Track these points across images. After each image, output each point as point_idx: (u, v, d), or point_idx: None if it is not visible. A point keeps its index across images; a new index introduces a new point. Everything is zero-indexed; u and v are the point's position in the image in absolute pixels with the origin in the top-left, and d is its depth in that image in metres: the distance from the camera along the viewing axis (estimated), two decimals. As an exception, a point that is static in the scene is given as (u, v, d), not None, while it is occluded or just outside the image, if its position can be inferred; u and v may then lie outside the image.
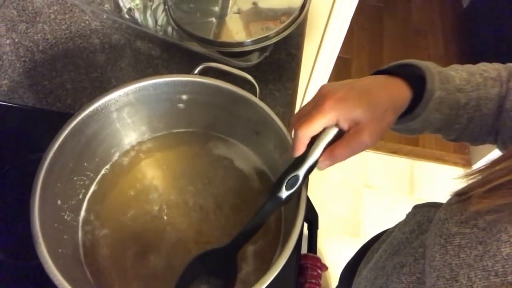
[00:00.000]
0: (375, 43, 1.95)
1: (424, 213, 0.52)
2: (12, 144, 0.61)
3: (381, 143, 1.67)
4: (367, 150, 1.66)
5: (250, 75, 0.50)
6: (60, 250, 0.40)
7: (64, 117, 0.61)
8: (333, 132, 0.38)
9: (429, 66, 0.42)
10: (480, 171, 0.35)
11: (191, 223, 0.52)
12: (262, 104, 0.45)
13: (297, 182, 0.40)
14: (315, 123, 0.37)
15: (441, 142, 1.68)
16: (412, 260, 0.44)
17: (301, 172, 0.39)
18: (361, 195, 1.56)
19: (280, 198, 0.40)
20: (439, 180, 1.60)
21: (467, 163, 1.63)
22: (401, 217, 0.60)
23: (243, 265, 0.49)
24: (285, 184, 0.40)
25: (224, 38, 0.67)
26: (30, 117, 0.64)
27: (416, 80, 0.41)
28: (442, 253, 0.37)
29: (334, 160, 0.38)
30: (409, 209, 0.58)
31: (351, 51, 1.91)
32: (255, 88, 0.48)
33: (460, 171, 1.62)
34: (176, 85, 0.48)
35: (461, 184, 0.38)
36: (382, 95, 0.39)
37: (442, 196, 0.43)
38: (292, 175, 0.39)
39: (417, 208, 0.55)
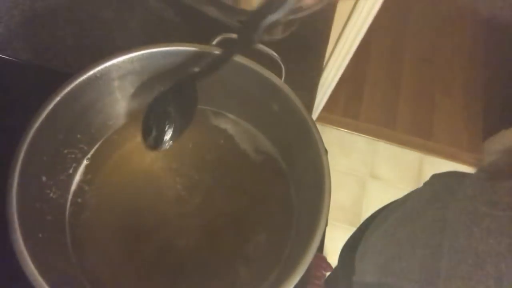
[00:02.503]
0: (398, 28, 1.85)
1: (442, 182, 0.47)
2: (4, 100, 0.55)
3: (392, 134, 1.61)
4: (377, 139, 1.60)
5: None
6: (40, 235, 0.35)
7: (62, 77, 0.56)
8: None
9: None
10: None
11: (191, 204, 0.47)
12: (287, 90, 0.39)
13: (285, 12, 0.32)
14: None
15: (456, 139, 1.62)
16: (428, 232, 0.41)
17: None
18: (366, 185, 1.51)
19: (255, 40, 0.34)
20: (448, 177, 1.55)
21: (479, 164, 1.57)
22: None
23: (241, 266, 0.44)
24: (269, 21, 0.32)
25: (246, 5, 0.60)
26: (25, 72, 0.58)
27: None
28: (467, 234, 0.33)
29: None
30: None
31: (371, 33, 1.81)
32: (281, 69, 0.41)
33: (470, 171, 1.57)
34: (189, 56, 0.41)
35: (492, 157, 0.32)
36: None
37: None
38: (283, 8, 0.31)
39: (435, 177, 0.51)
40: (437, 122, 1.65)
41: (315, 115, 1.53)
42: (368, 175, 1.52)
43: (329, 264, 0.54)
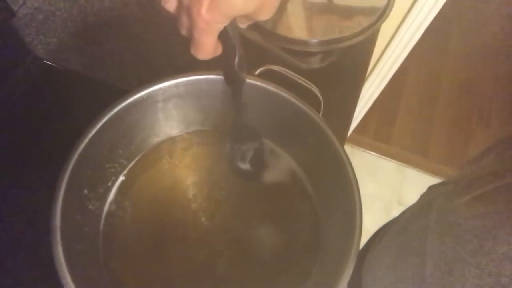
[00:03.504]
0: (437, 55, 1.81)
1: (433, 193, 0.48)
2: (53, 107, 0.58)
3: (424, 161, 1.57)
4: (407, 166, 1.57)
5: (307, 79, 0.44)
6: (78, 247, 0.37)
7: (107, 89, 0.59)
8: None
9: None
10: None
11: (219, 222, 0.48)
12: (324, 126, 0.39)
13: (243, 59, 0.38)
14: (207, 46, 0.32)
15: (489, 173, 1.56)
16: (417, 241, 0.42)
17: (240, 49, 0.37)
18: (392, 211, 1.48)
19: (244, 81, 0.40)
20: (479, 211, 1.50)
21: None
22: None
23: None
24: (238, 71, 0.38)
25: (288, 33, 0.61)
26: (74, 82, 0.61)
27: None
28: (439, 243, 0.35)
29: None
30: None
31: (409, 58, 1.79)
32: (320, 103, 0.42)
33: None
34: (232, 84, 0.42)
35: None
36: None
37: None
38: (236, 60, 0.37)
39: (431, 187, 0.51)
40: (472, 153, 1.60)
41: (345, 136, 1.52)
42: (395, 202, 1.50)
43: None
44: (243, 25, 0.36)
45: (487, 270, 0.29)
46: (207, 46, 0.32)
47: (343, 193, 0.38)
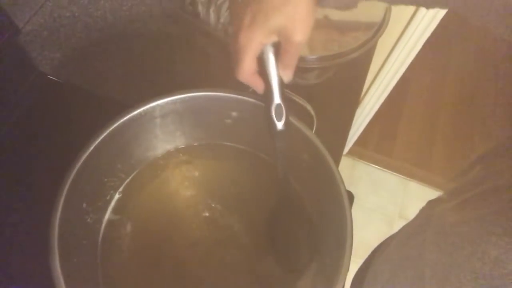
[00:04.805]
0: (439, 66, 1.82)
1: (434, 205, 0.49)
2: (56, 121, 0.59)
3: (426, 174, 1.57)
4: (409, 179, 1.57)
5: (304, 94, 0.45)
6: (75, 260, 0.37)
7: (109, 103, 0.60)
8: (268, 51, 0.36)
9: None
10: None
11: (216, 240, 0.48)
12: (317, 142, 0.40)
13: (282, 109, 0.39)
14: (244, 63, 0.35)
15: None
16: (416, 254, 0.43)
17: (278, 98, 0.39)
18: (393, 225, 1.47)
19: (281, 131, 0.40)
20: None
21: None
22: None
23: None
24: (274, 118, 0.39)
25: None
26: (76, 97, 0.62)
27: None
28: (437, 250, 0.36)
29: (290, 66, 0.37)
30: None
31: (410, 70, 1.80)
32: (313, 120, 0.43)
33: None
34: (228, 101, 0.44)
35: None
36: None
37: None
38: (273, 106, 0.39)
39: (430, 202, 0.53)
40: (474, 166, 1.60)
41: (346, 148, 1.53)
42: (396, 215, 1.49)
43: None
44: (286, 77, 0.38)
45: (482, 274, 0.30)
46: (244, 64, 0.35)
47: (335, 205, 0.39)
